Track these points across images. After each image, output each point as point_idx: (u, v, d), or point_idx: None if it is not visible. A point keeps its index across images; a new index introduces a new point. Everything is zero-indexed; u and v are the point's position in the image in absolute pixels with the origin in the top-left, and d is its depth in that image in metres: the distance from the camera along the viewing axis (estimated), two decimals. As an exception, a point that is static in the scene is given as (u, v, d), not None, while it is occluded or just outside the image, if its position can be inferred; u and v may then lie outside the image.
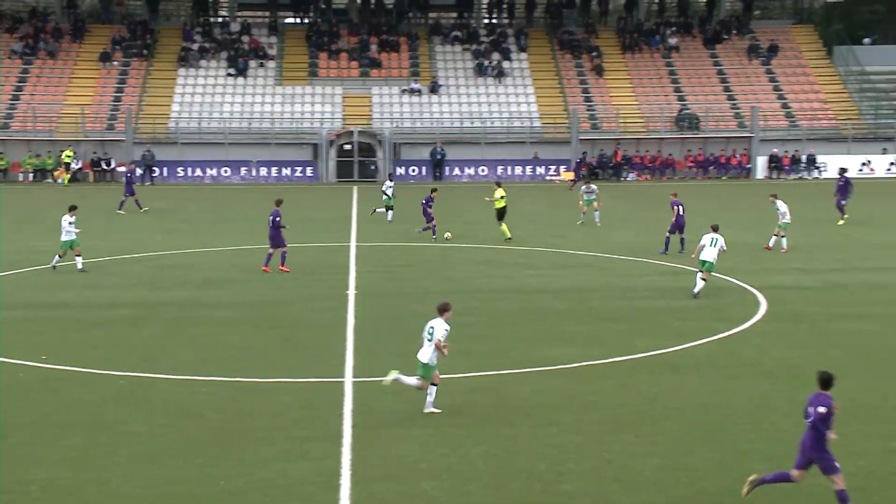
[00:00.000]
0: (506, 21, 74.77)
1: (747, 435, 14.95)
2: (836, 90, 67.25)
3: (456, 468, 13.69)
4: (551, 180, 60.93)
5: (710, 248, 24.83)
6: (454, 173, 61.55)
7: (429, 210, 35.87)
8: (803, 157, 62.27)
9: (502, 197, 35.26)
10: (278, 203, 29.68)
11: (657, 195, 51.95)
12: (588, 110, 65.13)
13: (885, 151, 62.47)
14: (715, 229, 25.30)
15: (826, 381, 12.16)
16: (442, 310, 15.81)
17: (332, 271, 29.09)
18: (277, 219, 28.92)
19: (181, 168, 60.99)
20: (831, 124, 64.73)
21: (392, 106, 65.29)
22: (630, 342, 20.48)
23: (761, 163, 62.42)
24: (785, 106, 65.95)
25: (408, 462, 13.91)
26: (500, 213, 35.25)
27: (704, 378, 17.93)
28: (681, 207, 31.96)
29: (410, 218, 41.20)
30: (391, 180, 42.35)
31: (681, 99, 66.07)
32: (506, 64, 68.11)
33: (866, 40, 74.36)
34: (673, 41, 69.96)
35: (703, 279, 24.76)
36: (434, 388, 15.80)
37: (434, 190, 37.23)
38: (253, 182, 60.11)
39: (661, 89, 67.06)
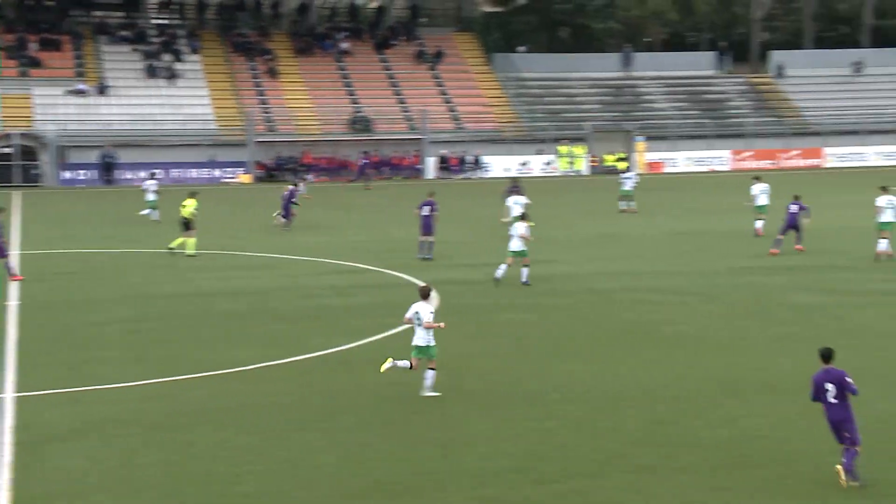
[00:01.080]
0: (177, 22, 73.01)
1: (421, 424, 15.58)
2: (497, 95, 71.11)
3: (128, 478, 13.32)
4: (228, 183, 60.29)
5: (515, 238, 26.63)
6: (126, 177, 59.39)
7: (291, 204, 37.94)
8: (469, 158, 65.37)
9: (184, 206, 33.06)
10: None
11: (335, 196, 52.63)
12: (264, 112, 64.95)
13: (540, 152, 66.83)
14: (523, 217, 27.31)
15: (827, 356, 12.91)
16: (424, 294, 16.94)
17: (-8, 282, 27.27)
18: None
19: None
20: (493, 127, 68.37)
21: (56, 107, 61.98)
22: (307, 341, 20.72)
23: (431, 163, 64.89)
24: (451, 109, 68.91)
25: (76, 476, 13.37)
26: (185, 224, 32.86)
27: (379, 373, 18.47)
28: (428, 207, 31.20)
29: (90, 220, 39.44)
30: (153, 178, 41.92)
31: (354, 102, 67.35)
32: (178, 65, 66.54)
33: (521, 48, 79.21)
34: (345, 45, 71.17)
35: (508, 264, 26.71)
36: (432, 372, 16.67)
37: (295, 185, 40.93)
38: None
39: (334, 92, 68.04)
